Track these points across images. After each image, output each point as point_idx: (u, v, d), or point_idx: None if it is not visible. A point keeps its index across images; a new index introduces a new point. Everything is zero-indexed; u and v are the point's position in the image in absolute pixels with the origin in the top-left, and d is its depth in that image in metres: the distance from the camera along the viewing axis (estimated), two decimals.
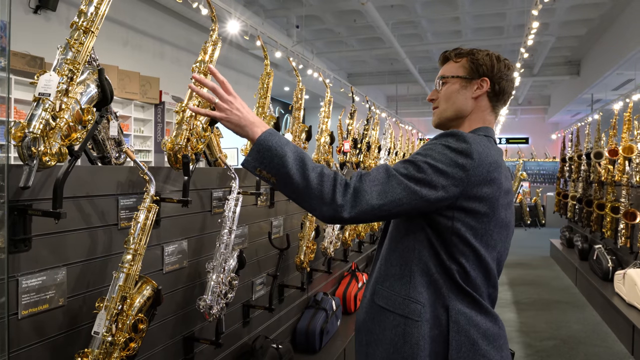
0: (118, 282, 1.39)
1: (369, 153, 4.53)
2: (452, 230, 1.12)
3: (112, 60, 6.16)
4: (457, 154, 1.08)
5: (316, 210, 1.05)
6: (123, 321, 1.38)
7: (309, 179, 1.02)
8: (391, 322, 1.16)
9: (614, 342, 4.04)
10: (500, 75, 1.26)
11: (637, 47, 7.83)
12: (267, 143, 1.04)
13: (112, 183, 1.64)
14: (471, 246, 1.14)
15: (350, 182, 1.05)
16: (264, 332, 2.65)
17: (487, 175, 1.10)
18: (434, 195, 1.07)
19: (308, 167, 1.03)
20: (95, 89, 1.35)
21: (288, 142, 1.07)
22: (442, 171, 1.07)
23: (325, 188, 1.02)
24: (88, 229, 1.54)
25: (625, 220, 4.50)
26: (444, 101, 1.27)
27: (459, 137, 1.11)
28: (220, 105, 1.08)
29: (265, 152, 1.04)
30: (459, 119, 1.27)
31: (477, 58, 1.25)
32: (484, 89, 1.25)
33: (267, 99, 2.35)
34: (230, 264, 1.99)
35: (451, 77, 1.26)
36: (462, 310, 1.14)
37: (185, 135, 1.69)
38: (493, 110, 1.28)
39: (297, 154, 1.04)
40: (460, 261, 1.14)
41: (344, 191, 1.02)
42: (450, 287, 1.15)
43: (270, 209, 2.75)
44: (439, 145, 1.10)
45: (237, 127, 1.08)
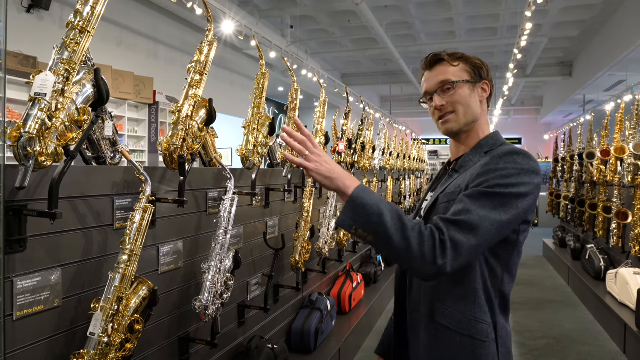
0: (114, 283, 1.39)
1: (364, 153, 4.54)
2: (516, 244, 1.16)
3: (105, 60, 6.13)
4: (531, 175, 1.11)
5: (416, 270, 1.03)
6: (119, 322, 1.38)
7: (409, 239, 0.99)
8: (459, 343, 1.15)
9: (606, 340, 4.07)
10: (489, 77, 1.28)
11: (628, 48, 7.91)
12: (361, 200, 1.02)
13: (107, 183, 1.63)
14: (520, 256, 1.19)
15: (445, 237, 1.02)
16: (260, 333, 2.65)
17: None
18: (519, 221, 1.12)
19: (407, 227, 1.00)
20: (91, 89, 1.34)
21: (381, 198, 1.05)
22: (524, 195, 1.10)
23: (426, 249, 0.99)
24: (83, 230, 1.53)
25: (617, 220, 4.54)
26: (462, 106, 1.23)
27: (524, 155, 1.14)
28: (310, 157, 1.07)
29: (361, 210, 1.02)
30: (473, 124, 1.26)
31: (473, 62, 1.25)
32: (487, 92, 1.27)
33: (262, 99, 2.35)
34: (225, 264, 1.99)
35: (462, 82, 1.23)
36: (503, 323, 1.19)
37: (181, 136, 1.69)
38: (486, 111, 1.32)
39: (394, 212, 1.02)
40: (512, 273, 1.19)
41: (442, 251, 1.00)
42: (499, 302, 1.18)
43: (265, 209, 2.75)
44: (513, 170, 1.11)
45: (326, 179, 1.06)
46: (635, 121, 4.29)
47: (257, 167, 2.35)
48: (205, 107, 1.87)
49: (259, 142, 2.31)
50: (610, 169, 4.79)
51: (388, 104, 16.45)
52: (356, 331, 3.66)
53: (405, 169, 7.48)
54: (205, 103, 1.88)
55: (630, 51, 8.00)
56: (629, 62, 9.20)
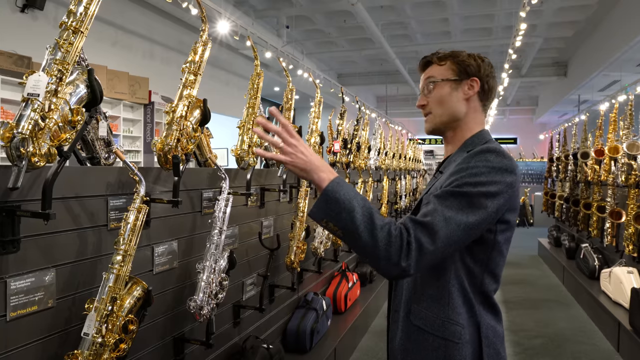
0: (108, 283, 1.39)
1: (359, 153, 4.55)
2: (494, 244, 1.14)
3: (100, 60, 6.11)
4: (503, 174, 1.09)
5: (381, 268, 1.02)
6: (113, 322, 1.38)
7: (377, 239, 0.99)
8: (431, 344, 1.15)
9: (600, 339, 4.10)
10: (487, 73, 1.25)
11: (622, 48, 7.95)
12: (334, 195, 1.01)
13: (101, 184, 1.63)
14: (503, 256, 1.17)
15: (411, 239, 1.01)
16: (255, 333, 2.65)
17: (519, 185, 1.14)
18: (491, 221, 1.09)
19: (377, 226, 0.99)
20: (85, 90, 1.34)
21: (355, 193, 1.03)
22: (494, 194, 1.07)
23: (392, 250, 0.99)
24: (77, 230, 1.53)
25: (611, 219, 4.56)
26: (437, 106, 1.24)
27: (498, 152, 1.12)
28: (286, 149, 1.03)
29: (332, 205, 1.01)
30: (454, 123, 1.25)
31: (461, 59, 1.24)
32: (475, 90, 1.23)
33: (257, 99, 2.35)
34: (220, 264, 1.99)
35: (441, 81, 1.23)
36: (489, 323, 1.17)
37: (175, 136, 1.69)
38: (483, 109, 1.28)
39: (365, 209, 1.01)
40: (495, 274, 1.17)
41: (407, 252, 0.99)
42: (481, 303, 1.17)
43: (260, 209, 2.75)
44: (484, 168, 1.09)
45: (302, 172, 1.04)
46: (629, 121, 4.32)
47: (252, 167, 2.36)
48: (199, 107, 1.88)
49: (254, 142, 2.31)
50: (604, 169, 4.82)
51: (384, 104, 16.46)
52: (352, 331, 3.67)
53: (401, 168, 7.49)
54: (200, 103, 1.88)
55: (624, 51, 8.05)
56: (623, 63, 9.25)
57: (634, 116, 4.38)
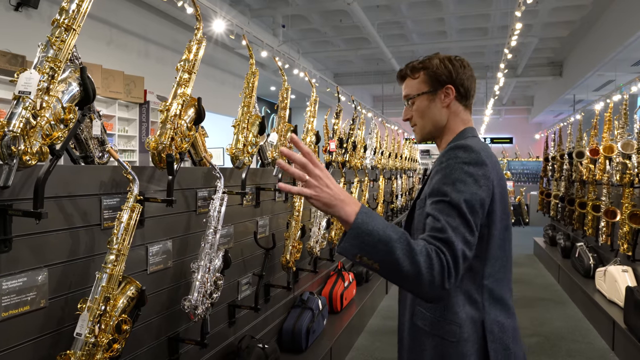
0: (101, 283, 1.38)
1: (355, 152, 4.55)
2: (489, 237, 1.15)
3: (95, 59, 6.08)
4: (475, 166, 1.11)
5: (425, 293, 0.98)
6: (106, 322, 1.37)
7: (419, 265, 0.94)
8: (430, 343, 1.18)
9: (595, 337, 4.11)
10: (460, 77, 1.27)
11: (617, 48, 7.99)
12: (366, 227, 0.95)
13: (95, 183, 1.62)
14: (502, 248, 1.18)
15: (448, 259, 0.98)
16: (250, 332, 2.64)
17: (497, 175, 1.16)
18: (481, 215, 1.11)
19: (416, 252, 0.95)
20: (77, 88, 1.33)
21: (385, 222, 0.98)
22: (475, 192, 1.09)
23: (435, 273, 0.95)
24: (70, 229, 1.52)
25: (606, 218, 4.58)
26: (420, 119, 1.31)
27: (465, 148, 1.15)
28: (311, 182, 0.95)
29: (365, 237, 0.95)
30: (439, 130, 1.31)
31: (433, 70, 1.27)
32: (451, 96, 1.27)
33: (252, 98, 2.34)
34: (215, 263, 1.98)
35: (417, 95, 1.29)
36: (495, 318, 1.17)
37: (169, 135, 1.68)
38: (466, 108, 1.31)
39: (401, 235, 0.96)
40: (495, 268, 1.17)
41: (449, 273, 0.97)
42: (486, 299, 1.17)
43: (255, 208, 2.74)
44: (456, 166, 1.12)
45: (326, 207, 0.96)
46: (624, 120, 4.33)
47: (247, 166, 2.35)
48: (194, 105, 1.87)
49: (249, 141, 2.30)
50: (599, 168, 4.83)
51: (380, 103, 16.47)
52: (348, 330, 3.66)
53: (397, 168, 7.50)
54: (194, 102, 1.87)
55: (618, 51, 8.09)
56: (617, 62, 9.29)
57: (628, 116, 4.40)
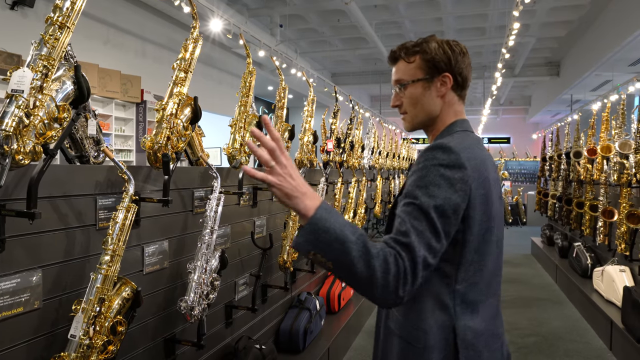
0: (96, 284, 1.36)
1: (353, 152, 4.54)
2: (464, 243, 1.08)
3: (92, 58, 6.06)
4: (452, 170, 1.04)
5: (377, 298, 0.94)
6: (101, 324, 1.35)
7: (374, 269, 0.91)
8: (398, 346, 1.14)
9: (592, 337, 4.11)
10: (459, 65, 1.17)
11: (614, 48, 8.00)
12: (324, 223, 0.91)
13: (90, 182, 1.60)
14: (479, 252, 1.10)
15: (407, 264, 0.94)
16: (247, 333, 2.63)
17: (480, 177, 1.07)
18: (454, 222, 1.04)
19: (372, 254, 0.91)
20: (72, 86, 1.32)
21: (345, 221, 0.94)
22: (449, 197, 1.02)
23: (391, 277, 0.92)
24: (65, 230, 1.50)
25: (604, 218, 4.58)
26: (412, 107, 1.20)
27: (444, 149, 1.06)
28: (276, 169, 0.91)
29: (322, 234, 0.91)
30: (431, 120, 1.21)
31: (431, 55, 1.16)
32: (448, 85, 1.17)
33: (249, 97, 2.33)
34: (212, 264, 1.96)
35: (411, 82, 1.18)
36: (468, 324, 1.10)
37: (165, 134, 1.67)
38: (460, 99, 1.22)
39: (358, 236, 0.92)
40: (470, 273, 1.10)
41: (404, 280, 0.93)
42: (458, 304, 1.10)
43: (253, 208, 2.73)
44: (432, 168, 1.04)
45: (286, 197, 0.92)
46: (621, 120, 4.33)
47: (244, 165, 2.33)
48: (190, 105, 1.85)
49: (246, 140, 2.28)
50: (597, 168, 4.83)
51: (378, 103, 16.47)
52: (345, 330, 3.65)
53: (394, 168, 7.49)
54: (191, 101, 1.86)
55: (615, 51, 8.09)
56: (615, 62, 9.30)
57: (626, 116, 4.40)
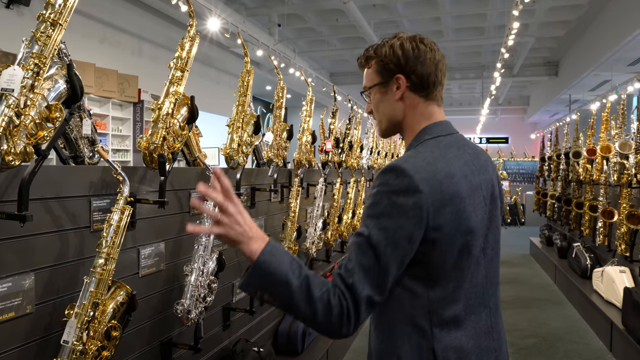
0: (89, 288, 1.33)
1: (351, 152, 4.51)
2: (433, 263, 1.01)
3: (88, 57, 6.01)
4: (405, 196, 0.97)
5: (321, 333, 0.99)
6: (95, 329, 1.32)
7: (316, 311, 0.94)
8: None
9: (592, 338, 4.09)
10: (409, 63, 1.09)
11: (613, 48, 7.98)
12: (268, 267, 0.94)
13: (84, 183, 1.57)
14: (456, 268, 1.02)
15: (350, 306, 0.95)
16: (245, 335, 2.60)
17: (443, 196, 0.99)
18: (408, 251, 0.99)
19: (315, 298, 0.94)
20: (64, 85, 1.28)
21: (291, 260, 0.96)
22: (400, 227, 0.97)
23: (333, 319, 0.94)
24: (58, 232, 1.47)
25: (603, 218, 4.56)
26: (376, 113, 1.16)
27: (397, 172, 0.99)
28: (222, 219, 0.95)
29: (266, 278, 0.94)
30: (397, 126, 1.15)
31: (382, 57, 1.11)
32: (402, 88, 1.10)
33: (247, 97, 2.30)
34: (209, 266, 1.93)
35: (369, 88, 1.15)
36: (451, 344, 1.03)
37: (161, 134, 1.63)
38: (427, 98, 1.11)
39: (302, 278, 0.95)
40: (448, 291, 1.03)
41: (347, 321, 0.95)
42: (436, 325, 1.03)
43: (251, 209, 2.69)
44: (384, 195, 0.99)
45: (233, 243, 0.97)
46: (621, 120, 4.31)
47: (241, 166, 2.30)
48: (187, 104, 1.82)
49: (244, 140, 2.25)
50: (597, 168, 4.81)
51: None
52: None
53: None
54: (187, 100, 1.82)
55: (615, 51, 8.08)
56: (613, 62, 9.28)
57: (626, 116, 4.38)
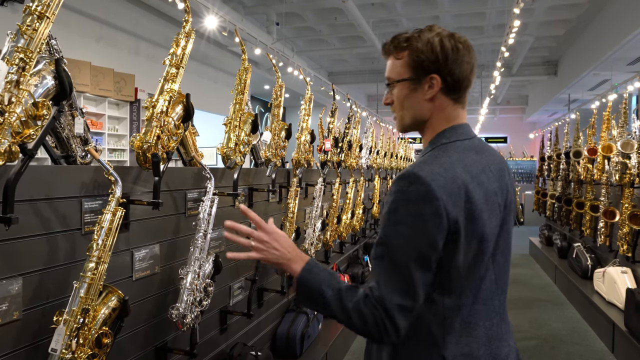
0: (79, 293, 1.27)
1: (350, 152, 4.45)
2: (449, 269, 1.00)
3: (84, 56, 5.95)
4: (423, 204, 0.96)
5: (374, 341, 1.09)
6: (85, 336, 1.26)
7: (352, 321, 1.01)
8: None
9: (594, 340, 4.05)
10: (448, 64, 1.03)
11: (613, 47, 7.94)
12: (307, 284, 1.05)
13: (75, 184, 1.51)
14: (469, 277, 1.02)
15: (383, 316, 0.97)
16: (243, 339, 2.54)
17: (461, 202, 0.97)
18: (432, 256, 0.98)
19: (348, 309, 1.00)
20: (52, 81, 1.22)
21: (327, 276, 1.05)
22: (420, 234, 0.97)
23: (370, 329, 0.99)
24: (47, 235, 1.41)
25: (605, 218, 4.51)
26: (399, 108, 1.11)
27: (413, 179, 0.97)
28: (258, 246, 1.07)
29: (307, 293, 1.06)
30: (420, 124, 1.11)
31: (417, 53, 1.04)
32: (435, 88, 1.05)
33: (244, 95, 2.24)
34: (205, 269, 1.88)
35: (396, 82, 1.08)
36: (461, 350, 1.03)
37: (155, 133, 1.58)
38: (456, 102, 1.08)
39: (336, 292, 1.02)
40: (462, 299, 1.02)
41: (385, 330, 0.98)
42: (448, 332, 1.03)
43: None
44: (401, 204, 0.98)
45: (275, 265, 1.09)
46: (623, 119, 4.27)
47: (239, 166, 2.25)
48: (182, 102, 1.76)
49: (241, 140, 2.20)
50: (598, 168, 4.77)
51: (375, 102, 16.40)
52: (344, 334, 3.57)
53: (392, 167, 7.42)
54: (182, 98, 1.77)
55: (614, 50, 8.04)
56: (613, 62, 9.25)
57: (628, 115, 4.34)
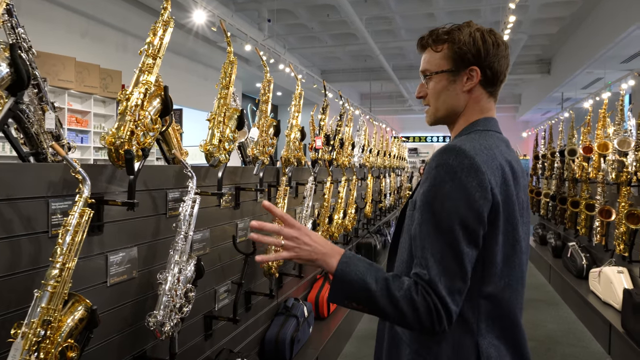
0: (40, 303, 1.16)
1: (342, 150, 4.35)
2: (485, 254, 0.99)
3: (69, 51, 5.79)
4: (467, 176, 0.95)
5: (422, 333, 1.01)
6: (47, 350, 1.15)
7: (402, 311, 0.94)
8: (403, 353, 1.07)
9: (590, 341, 3.99)
10: (489, 58, 1.07)
11: (607, 45, 7.90)
12: (346, 277, 0.97)
13: (42, 183, 1.40)
14: (507, 264, 1.01)
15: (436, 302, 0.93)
16: (229, 345, 2.43)
17: (501, 181, 0.99)
18: (479, 229, 0.97)
19: (397, 298, 0.94)
20: (7, 69, 1.11)
21: (367, 267, 0.98)
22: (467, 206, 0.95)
23: (422, 317, 0.93)
24: (9, 239, 1.29)
25: (601, 217, 4.45)
26: (435, 100, 1.12)
27: (456, 152, 0.97)
28: (288, 244, 0.99)
29: (346, 287, 0.98)
30: (454, 116, 1.12)
31: (459, 45, 1.07)
32: (474, 80, 1.08)
33: (229, 89, 2.13)
34: (186, 273, 1.76)
35: (435, 74, 1.10)
36: (492, 340, 1.01)
37: (128, 127, 1.46)
38: (491, 95, 1.11)
39: (381, 281, 0.96)
40: (499, 286, 1.01)
41: (438, 318, 0.93)
42: (482, 320, 1.02)
43: (235, 210, 2.53)
44: (445, 177, 0.96)
45: (309, 262, 1.01)
46: (620, 117, 4.20)
47: (223, 164, 2.13)
48: (160, 95, 1.64)
49: (226, 136, 2.08)
50: (593, 166, 4.70)
51: (368, 101, 16.31)
52: (335, 337, 3.47)
53: (385, 166, 7.33)
54: (160, 91, 1.65)
55: (608, 48, 8.00)
56: (606, 60, 9.22)
57: (624, 113, 4.27)
